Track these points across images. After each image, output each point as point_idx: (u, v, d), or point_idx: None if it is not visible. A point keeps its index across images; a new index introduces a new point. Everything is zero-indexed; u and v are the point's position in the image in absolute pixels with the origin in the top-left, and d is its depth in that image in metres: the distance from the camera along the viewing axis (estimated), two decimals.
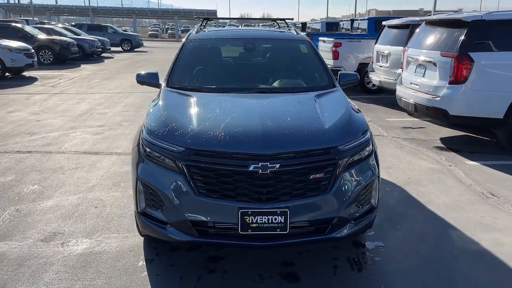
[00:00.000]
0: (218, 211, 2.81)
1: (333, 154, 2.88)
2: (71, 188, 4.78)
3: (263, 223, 2.77)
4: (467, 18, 6.06)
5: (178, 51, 4.27)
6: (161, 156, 2.94)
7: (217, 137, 2.88)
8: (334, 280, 3.08)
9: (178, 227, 2.91)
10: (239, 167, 2.76)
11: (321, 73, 4.15)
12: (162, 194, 2.89)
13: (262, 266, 3.23)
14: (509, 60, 5.92)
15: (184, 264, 3.27)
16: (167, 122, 3.11)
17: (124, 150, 6.23)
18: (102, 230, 3.80)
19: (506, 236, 3.72)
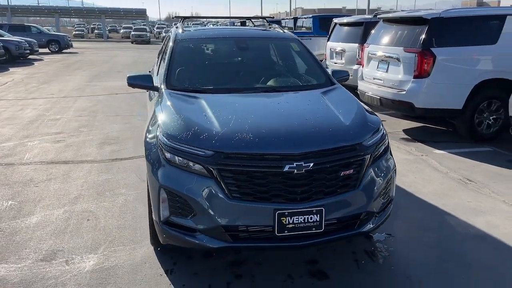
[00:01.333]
0: (253, 214, 2.76)
1: (359, 150, 2.93)
2: (52, 201, 4.45)
3: (299, 223, 2.76)
4: (427, 15, 6.41)
5: (169, 51, 4.10)
6: (187, 161, 2.82)
7: (246, 138, 2.82)
8: (360, 274, 3.14)
9: (209, 234, 2.82)
10: (273, 168, 2.73)
11: (317, 71, 4.20)
12: (191, 200, 2.78)
13: (288, 266, 3.22)
14: (466, 55, 6.35)
15: (208, 272, 3.17)
16: (187, 126, 2.99)
17: (94, 157, 5.90)
18: (105, 244, 3.58)
19: (496, 218, 4.00)
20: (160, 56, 4.83)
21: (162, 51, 4.79)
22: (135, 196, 4.57)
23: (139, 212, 4.16)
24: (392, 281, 3.06)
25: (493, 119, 6.60)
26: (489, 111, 6.56)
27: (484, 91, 6.43)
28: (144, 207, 4.24)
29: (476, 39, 6.45)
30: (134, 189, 4.75)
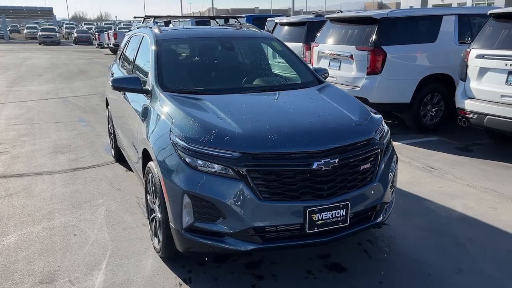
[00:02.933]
0: (283, 214, 2.76)
1: (373, 145, 3.06)
2: (24, 218, 4.07)
3: (327, 219, 2.82)
4: (377, 15, 6.79)
5: (154, 53, 3.91)
6: (213, 164, 2.75)
7: (271, 138, 2.81)
8: (372, 262, 3.28)
9: (239, 237, 2.77)
10: (302, 166, 2.76)
11: (303, 69, 4.27)
12: (220, 204, 2.71)
13: (303, 262, 3.26)
14: (411, 52, 6.84)
15: (228, 276, 3.12)
16: (206, 128, 2.90)
17: (52, 168, 5.48)
18: (106, 258, 3.36)
19: (469, 201, 4.37)
20: (133, 57, 4.60)
21: (136, 52, 4.56)
22: (116, 206, 4.32)
23: (129, 222, 3.95)
24: (403, 265, 3.23)
25: (435, 111, 7.16)
26: (431, 104, 7.11)
27: (427, 85, 6.96)
28: (131, 216, 4.07)
29: (419, 37, 6.96)
30: (112, 199, 4.50)
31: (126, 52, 5.20)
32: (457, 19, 7.17)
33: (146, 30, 4.56)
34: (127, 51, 5.14)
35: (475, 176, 5.06)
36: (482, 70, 5.67)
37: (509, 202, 4.32)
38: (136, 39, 4.96)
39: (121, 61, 5.33)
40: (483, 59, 5.65)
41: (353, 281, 3.04)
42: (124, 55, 5.25)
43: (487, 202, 4.33)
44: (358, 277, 3.09)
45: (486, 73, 5.63)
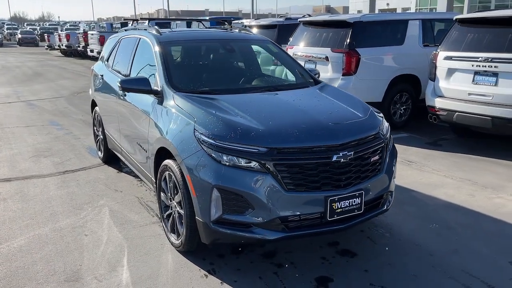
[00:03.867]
0: (306, 203, 2.98)
1: (379, 138, 3.35)
2: (28, 221, 4.04)
3: (345, 207, 3.07)
4: (350, 19, 7.17)
5: (158, 54, 4.00)
6: (241, 159, 2.92)
7: (293, 133, 3.03)
8: (379, 247, 3.56)
9: (266, 227, 2.96)
10: (323, 158, 2.99)
11: (300, 69, 4.51)
12: (250, 196, 2.89)
13: (316, 250, 3.50)
14: (382, 54, 7.28)
15: (249, 266, 3.29)
16: (230, 125, 3.07)
17: (40, 172, 5.41)
18: (126, 256, 3.44)
19: (449, 190, 4.78)
20: (129, 59, 4.64)
21: (132, 54, 4.61)
22: (119, 206, 4.37)
23: (137, 221, 4.03)
24: (407, 249, 3.53)
25: (404, 109, 7.65)
26: (400, 103, 7.60)
27: (397, 85, 7.43)
28: (137, 215, 4.15)
29: (389, 40, 7.43)
30: (112, 200, 4.53)
31: (117, 55, 5.22)
32: (420, 24, 7.70)
33: (143, 33, 4.63)
34: (119, 54, 5.16)
35: (449, 168, 5.51)
36: (450, 70, 6.16)
37: (484, 189, 4.77)
38: (128, 41, 5.01)
39: (111, 63, 5.34)
40: (451, 61, 6.15)
41: (366, 264, 3.31)
42: (115, 57, 5.26)
43: (465, 191, 4.76)
44: (369, 260, 3.36)
45: (454, 73, 6.13)
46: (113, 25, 24.90)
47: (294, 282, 3.08)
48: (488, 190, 4.75)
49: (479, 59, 5.75)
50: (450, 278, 3.12)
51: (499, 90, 5.59)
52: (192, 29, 4.91)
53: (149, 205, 4.38)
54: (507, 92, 5.51)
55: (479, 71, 5.79)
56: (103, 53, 5.94)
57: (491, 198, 4.54)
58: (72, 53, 26.74)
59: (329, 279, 3.11)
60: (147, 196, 4.61)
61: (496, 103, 5.61)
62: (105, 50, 5.91)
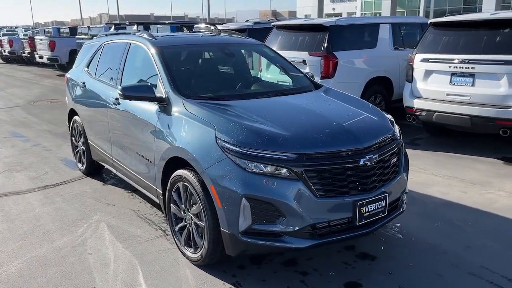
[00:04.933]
0: (336, 209, 2.94)
1: (396, 140, 3.38)
2: (20, 242, 3.73)
3: (372, 210, 3.05)
4: (327, 23, 7.25)
5: (158, 59, 3.81)
6: (270, 166, 2.83)
7: (319, 138, 2.98)
8: (394, 248, 3.58)
9: (297, 235, 2.88)
10: (351, 163, 2.96)
11: (298, 73, 4.47)
12: (281, 204, 2.80)
13: (335, 256, 3.46)
14: (358, 57, 7.42)
15: (273, 276, 3.20)
16: (255, 132, 2.97)
17: (16, 188, 5.04)
18: (140, 273, 3.24)
19: (442, 188, 4.92)
20: (119, 66, 4.41)
21: (122, 60, 4.38)
22: (116, 221, 4.13)
23: (141, 236, 3.82)
24: (421, 248, 3.57)
25: None
26: (374, 104, 7.76)
27: (371, 87, 7.59)
28: (139, 230, 3.96)
29: (363, 43, 7.59)
30: (107, 214, 4.28)
31: (101, 61, 4.94)
32: (390, 27, 7.94)
33: (133, 37, 4.41)
34: (103, 60, 4.89)
35: (434, 166, 5.67)
36: (428, 72, 6.37)
37: (473, 186, 4.95)
38: (114, 47, 4.77)
39: (93, 71, 5.05)
40: (428, 63, 6.35)
41: (388, 266, 3.31)
42: (98, 64, 4.98)
43: (456, 188, 4.91)
44: (389, 262, 3.37)
45: (431, 74, 6.34)
46: (60, 30, 23.79)
47: None
48: (477, 187, 4.93)
49: (455, 60, 5.98)
50: (472, 275, 3.19)
51: (476, 90, 5.83)
52: (184, 34, 4.74)
53: (149, 218, 4.18)
54: (483, 92, 5.77)
55: (456, 72, 6.02)
56: (80, 60, 5.62)
57: (482, 194, 4.72)
58: (15, 60, 25.32)
59: (358, 284, 3.08)
60: (143, 209, 4.40)
61: (474, 103, 5.86)
62: (82, 56, 5.60)
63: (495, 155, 6.07)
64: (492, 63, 5.67)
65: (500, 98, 5.64)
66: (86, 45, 5.68)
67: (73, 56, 17.34)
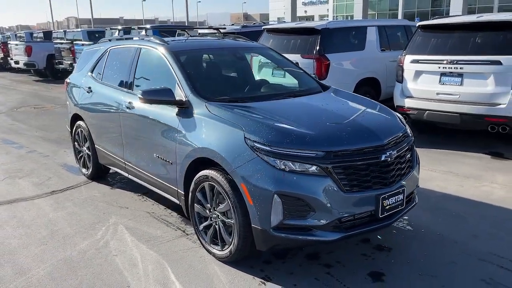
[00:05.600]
0: (360, 203, 3.11)
1: (408, 136, 3.59)
2: (42, 247, 3.76)
3: (392, 203, 3.24)
4: (318, 26, 7.47)
5: (175, 64, 3.91)
6: (300, 164, 2.98)
7: (344, 136, 3.15)
8: (407, 240, 3.79)
9: (326, 229, 3.04)
10: (373, 159, 3.14)
11: (305, 75, 4.64)
12: (312, 200, 2.96)
13: (354, 249, 3.64)
14: (348, 59, 7.68)
15: (299, 269, 3.35)
16: (282, 132, 3.11)
17: (23, 194, 5.02)
18: (170, 271, 3.33)
19: (439, 182, 5.18)
20: (129, 70, 4.47)
21: (133, 64, 4.44)
22: (133, 223, 4.19)
23: (162, 236, 3.90)
24: (432, 239, 3.79)
25: None
26: None
27: (361, 88, 7.85)
28: (159, 231, 4.04)
29: (352, 46, 7.86)
30: (122, 217, 4.34)
31: (107, 67, 4.98)
32: (377, 30, 8.23)
33: (143, 42, 4.48)
34: (110, 66, 4.93)
35: (429, 162, 5.94)
36: (418, 72, 6.66)
37: (467, 179, 5.23)
38: (121, 52, 4.83)
39: (98, 76, 5.08)
40: (418, 63, 6.65)
41: (405, 257, 3.51)
42: (104, 69, 5.02)
43: (453, 182, 5.19)
44: (405, 252, 3.57)
45: (421, 75, 6.63)
46: (32, 35, 23.29)
47: (351, 280, 3.19)
48: (471, 180, 5.22)
49: (444, 61, 6.29)
50: (482, 260, 3.42)
51: (464, 89, 6.15)
52: (194, 38, 4.83)
53: (165, 219, 4.26)
54: (472, 90, 6.09)
55: (445, 73, 6.33)
56: (82, 65, 5.63)
57: (478, 187, 5.00)
58: None
59: (381, 274, 3.26)
60: (157, 211, 4.47)
61: (463, 101, 6.17)
62: (83, 62, 5.62)
63: (482, 150, 6.40)
64: (480, 63, 6.00)
65: (487, 96, 5.97)
66: (87, 50, 5.70)
67: (50, 61, 17.10)
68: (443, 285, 3.12)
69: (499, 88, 5.87)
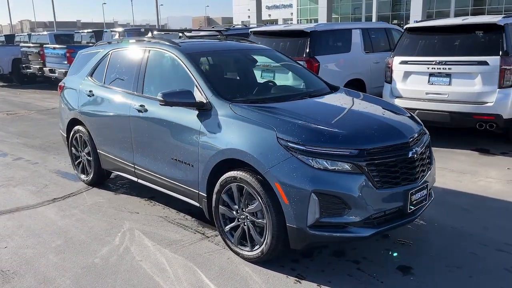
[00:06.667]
0: (391, 198, 3.19)
1: (425, 133, 3.72)
2: (60, 256, 3.63)
3: (418, 198, 3.35)
4: (307, 29, 7.59)
5: (192, 66, 3.89)
6: (335, 162, 3.03)
7: (372, 135, 3.23)
8: (425, 234, 3.92)
9: (360, 225, 3.10)
10: (402, 155, 3.24)
11: (313, 76, 4.71)
12: (348, 197, 3.01)
13: (374, 244, 3.72)
14: (337, 61, 7.85)
15: (329, 266, 3.39)
16: (315, 131, 3.16)
17: (22, 202, 4.83)
18: (201, 274, 3.30)
19: (439, 178, 5.20)
20: (137, 73, 4.39)
21: (141, 67, 4.37)
22: (149, 228, 4.12)
23: (183, 240, 3.86)
24: (448, 232, 3.93)
25: None
26: None
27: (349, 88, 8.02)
28: (177, 234, 4.00)
29: (339, 48, 8.02)
30: (136, 222, 4.26)
31: (110, 70, 4.87)
32: (361, 32, 8.45)
33: (154, 44, 4.41)
34: (114, 68, 4.82)
35: None
36: (407, 73, 6.88)
37: (464, 175, 5.45)
38: (127, 54, 4.74)
39: (100, 79, 4.96)
40: (406, 65, 6.87)
41: (426, 249, 3.63)
42: (106, 73, 4.90)
43: (450, 177, 5.39)
44: (426, 247, 3.70)
45: (410, 75, 6.86)
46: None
47: (382, 274, 3.27)
48: (467, 176, 5.44)
49: (433, 62, 6.53)
50: (500, 251, 3.58)
51: (453, 88, 6.41)
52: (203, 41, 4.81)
53: (181, 223, 4.21)
54: (460, 90, 6.35)
55: (434, 73, 6.58)
56: (77, 68, 5.49)
57: (475, 182, 5.22)
58: None
59: (409, 267, 3.36)
60: (170, 215, 4.41)
61: (452, 100, 6.43)
62: (79, 65, 5.48)
63: (469, 147, 6.67)
64: (467, 64, 6.27)
65: (475, 95, 6.24)
66: (83, 53, 5.55)
67: (16, 64, 16.47)
68: (470, 275, 3.25)
69: (486, 87, 6.16)
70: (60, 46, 13.44)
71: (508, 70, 6.04)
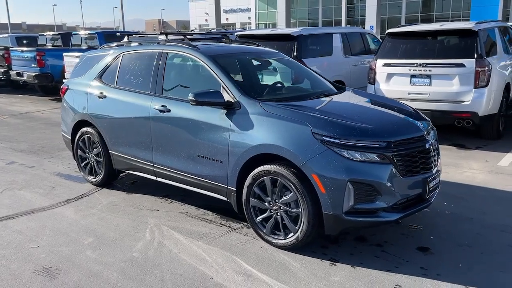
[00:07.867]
0: (414, 185, 3.56)
1: (433, 127, 4.13)
2: (98, 252, 3.74)
3: (433, 185, 3.74)
4: (294, 33, 7.93)
5: (216, 68, 4.09)
6: (366, 154, 3.36)
7: (395, 129, 3.59)
8: (429, 219, 4.31)
9: (389, 210, 3.44)
10: (420, 147, 3.62)
11: (319, 77, 5.03)
12: (379, 185, 3.34)
13: (391, 229, 4.08)
14: (321, 63, 8.23)
15: (356, 250, 3.71)
16: (346, 126, 3.47)
17: (35, 204, 4.84)
18: (242, 262, 3.52)
19: None
20: (155, 75, 4.54)
21: (159, 69, 4.52)
22: (175, 223, 4.28)
23: (212, 232, 4.06)
24: (449, 217, 4.36)
25: None
26: None
27: None
28: (204, 228, 4.19)
29: (323, 51, 8.43)
30: (159, 219, 4.40)
31: (122, 72, 4.95)
32: (340, 37, 8.91)
33: (171, 47, 4.57)
34: (127, 71, 4.91)
35: None
36: (390, 75, 7.37)
37: (449, 167, 5.92)
38: (142, 56, 4.86)
39: (112, 81, 5.05)
40: (389, 67, 7.36)
41: (437, 232, 4.03)
42: (118, 75, 4.99)
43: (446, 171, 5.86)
44: (436, 230, 4.09)
45: (393, 77, 7.35)
46: None
47: (405, 254, 3.63)
48: (452, 168, 5.95)
49: (414, 64, 7.05)
50: (503, 231, 4.03)
51: (433, 89, 6.95)
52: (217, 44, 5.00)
53: (204, 218, 4.39)
54: (439, 90, 6.90)
55: (415, 74, 7.09)
56: (83, 70, 5.52)
57: (461, 173, 5.73)
58: None
59: (427, 248, 3.74)
60: (190, 211, 4.58)
61: (432, 99, 6.97)
62: (85, 67, 5.51)
63: (446, 142, 7.22)
64: (446, 66, 6.83)
65: (453, 94, 6.80)
66: (88, 56, 5.59)
67: None
68: (481, 252, 3.66)
69: (464, 87, 6.73)
70: (29, 49, 13.07)
71: (482, 71, 6.63)
